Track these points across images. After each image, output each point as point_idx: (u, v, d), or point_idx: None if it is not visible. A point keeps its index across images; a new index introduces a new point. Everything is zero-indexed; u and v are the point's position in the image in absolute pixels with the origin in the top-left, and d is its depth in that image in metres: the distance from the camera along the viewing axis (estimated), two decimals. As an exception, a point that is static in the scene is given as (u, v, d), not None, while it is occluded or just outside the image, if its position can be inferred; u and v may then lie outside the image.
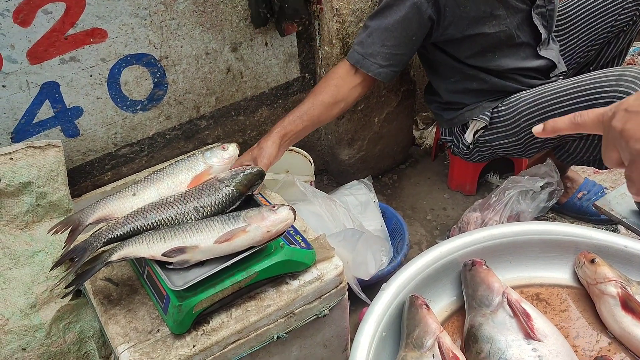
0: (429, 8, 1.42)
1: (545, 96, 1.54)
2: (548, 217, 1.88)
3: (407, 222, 1.83)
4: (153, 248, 0.99)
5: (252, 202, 1.14)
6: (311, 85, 1.83)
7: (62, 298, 1.27)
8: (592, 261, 0.92)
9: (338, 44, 1.69)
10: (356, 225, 1.58)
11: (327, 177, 2.12)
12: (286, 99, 1.82)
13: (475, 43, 1.53)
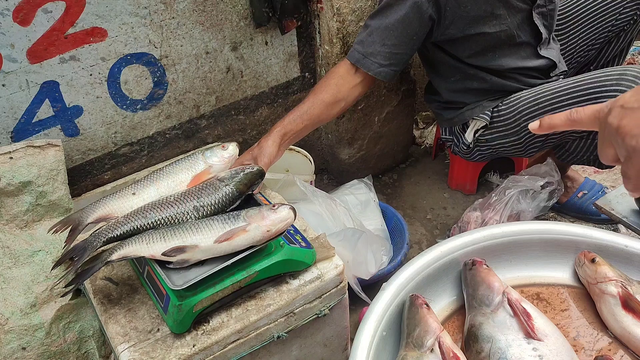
0: (430, 7, 1.42)
1: (545, 95, 1.53)
2: (548, 217, 1.88)
3: (407, 222, 1.83)
4: (153, 247, 0.99)
5: (252, 202, 1.14)
6: (311, 84, 1.83)
7: (62, 297, 1.26)
8: (593, 260, 0.92)
9: (338, 43, 1.69)
10: (356, 224, 1.57)
11: (328, 177, 2.12)
12: (286, 98, 1.82)
13: (475, 42, 1.53)
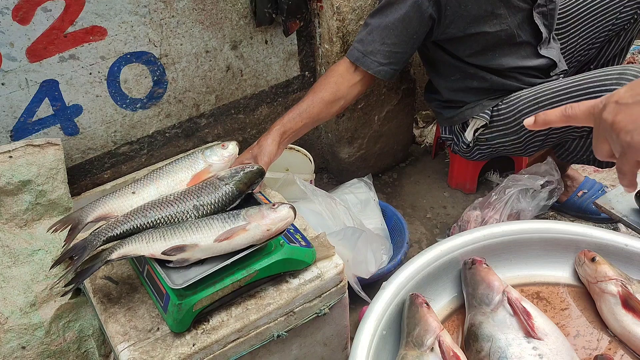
0: (430, 7, 1.41)
1: (545, 95, 1.53)
2: (548, 216, 1.88)
3: (407, 221, 1.83)
4: (153, 246, 0.99)
5: (252, 201, 1.14)
6: (311, 83, 1.83)
7: (62, 296, 1.26)
8: (593, 260, 0.92)
9: (338, 42, 1.68)
10: (356, 223, 1.57)
11: (327, 176, 2.12)
12: (286, 97, 1.82)
13: (476, 42, 1.53)
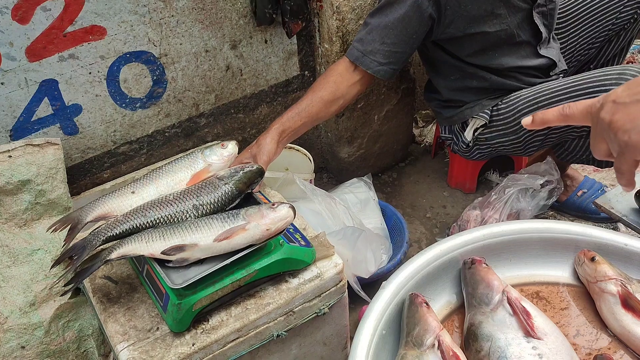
0: (430, 7, 1.41)
1: (544, 94, 1.53)
2: (548, 215, 1.88)
3: (407, 220, 1.83)
4: (152, 246, 0.98)
5: (252, 200, 1.14)
6: (311, 82, 1.83)
7: (61, 296, 1.26)
8: (592, 259, 0.92)
9: (338, 42, 1.68)
10: (356, 223, 1.57)
11: (327, 175, 2.12)
12: (286, 97, 1.82)
13: (475, 42, 1.53)
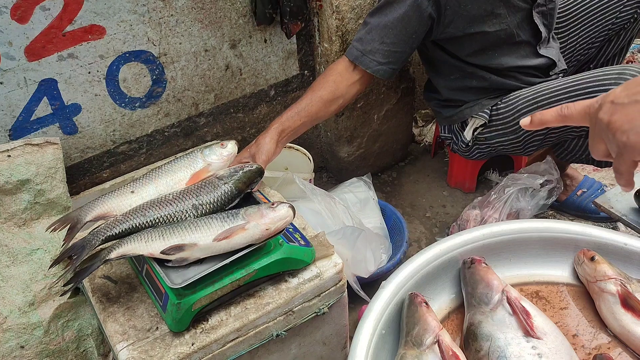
0: (430, 6, 1.41)
1: (544, 94, 1.53)
2: (547, 215, 1.88)
3: (407, 220, 1.83)
4: (152, 246, 0.98)
5: (251, 200, 1.14)
6: (310, 82, 1.83)
7: (61, 296, 1.26)
8: (592, 259, 0.92)
9: (337, 41, 1.68)
10: (355, 222, 1.57)
11: (327, 175, 2.12)
12: (285, 96, 1.81)
13: (475, 41, 1.53)
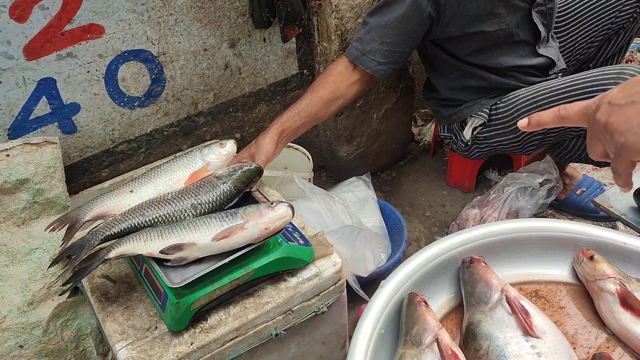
0: (429, 6, 1.41)
1: (543, 94, 1.53)
2: (547, 214, 1.88)
3: (406, 219, 1.83)
4: (151, 245, 0.98)
5: (250, 199, 1.14)
6: (310, 81, 1.83)
7: (60, 295, 1.26)
8: (591, 258, 0.92)
9: (337, 40, 1.68)
10: (355, 222, 1.57)
11: (326, 174, 2.12)
12: (284, 95, 1.81)
13: (474, 41, 1.53)
